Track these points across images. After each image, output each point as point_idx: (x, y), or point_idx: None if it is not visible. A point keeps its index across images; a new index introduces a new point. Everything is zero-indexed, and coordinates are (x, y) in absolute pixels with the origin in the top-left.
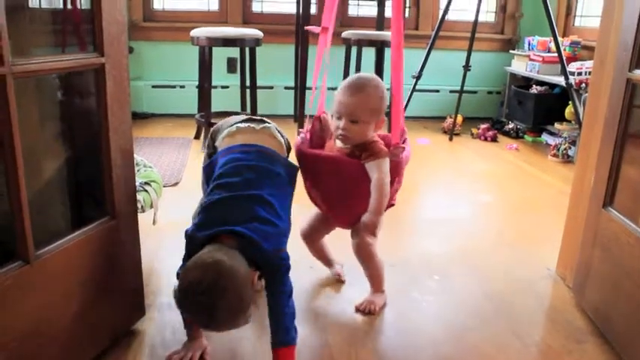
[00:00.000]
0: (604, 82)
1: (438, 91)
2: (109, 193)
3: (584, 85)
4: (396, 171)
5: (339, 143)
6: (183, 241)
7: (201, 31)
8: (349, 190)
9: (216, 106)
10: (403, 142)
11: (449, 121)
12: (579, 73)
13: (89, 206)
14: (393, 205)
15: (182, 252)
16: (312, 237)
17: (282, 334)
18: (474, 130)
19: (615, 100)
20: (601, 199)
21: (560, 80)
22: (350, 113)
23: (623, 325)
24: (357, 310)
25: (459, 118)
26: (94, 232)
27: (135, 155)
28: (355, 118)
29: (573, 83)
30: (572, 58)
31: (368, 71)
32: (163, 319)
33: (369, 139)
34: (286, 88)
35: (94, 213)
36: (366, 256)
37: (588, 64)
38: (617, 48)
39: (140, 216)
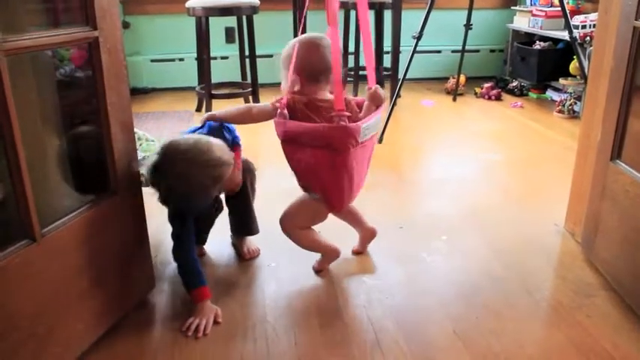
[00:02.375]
0: (609, 34)
1: (439, 51)
2: (112, 168)
3: (588, 38)
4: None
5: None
6: None
7: (197, 2)
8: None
9: (216, 77)
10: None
11: (452, 81)
12: (583, 27)
13: (92, 182)
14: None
15: None
16: None
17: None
18: (478, 90)
19: (621, 50)
20: (608, 153)
21: (564, 35)
22: None
23: (633, 277)
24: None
25: (462, 78)
26: (97, 207)
27: (136, 130)
28: None
29: (577, 37)
30: (576, 12)
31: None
32: (174, 289)
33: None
34: None
35: (96, 188)
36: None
37: (592, 17)
38: None
39: (146, 189)
